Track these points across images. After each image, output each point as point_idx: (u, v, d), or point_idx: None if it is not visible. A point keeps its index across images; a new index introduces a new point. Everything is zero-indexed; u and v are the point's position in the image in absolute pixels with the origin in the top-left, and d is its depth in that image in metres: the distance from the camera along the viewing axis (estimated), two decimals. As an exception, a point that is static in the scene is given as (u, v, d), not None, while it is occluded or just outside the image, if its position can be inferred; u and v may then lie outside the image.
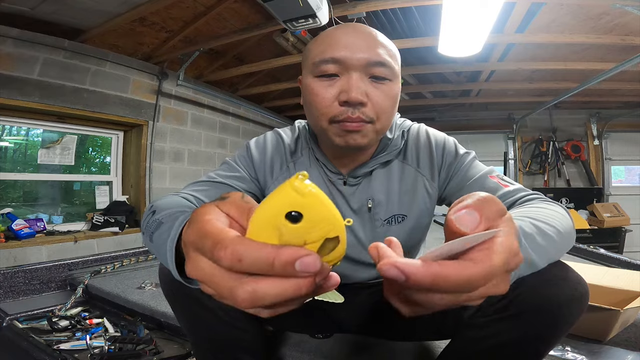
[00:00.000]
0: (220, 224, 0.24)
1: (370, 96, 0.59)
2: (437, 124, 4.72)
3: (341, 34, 0.61)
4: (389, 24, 2.52)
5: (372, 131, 0.61)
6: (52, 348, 0.98)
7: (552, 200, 0.55)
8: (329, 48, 0.59)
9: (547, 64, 2.93)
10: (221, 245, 0.22)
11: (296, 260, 0.21)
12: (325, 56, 0.59)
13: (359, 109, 0.58)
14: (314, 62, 0.60)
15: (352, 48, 0.58)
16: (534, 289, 0.48)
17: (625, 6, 1.90)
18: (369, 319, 0.77)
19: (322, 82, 0.60)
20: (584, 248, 1.92)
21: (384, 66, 0.59)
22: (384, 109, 0.61)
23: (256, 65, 3.01)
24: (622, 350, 0.87)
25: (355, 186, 0.70)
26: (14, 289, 1.39)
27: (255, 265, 0.21)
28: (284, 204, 0.21)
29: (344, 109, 0.58)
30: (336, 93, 0.59)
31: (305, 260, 0.21)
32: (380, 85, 0.60)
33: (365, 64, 0.58)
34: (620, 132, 4.34)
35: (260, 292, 0.21)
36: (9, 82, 2.08)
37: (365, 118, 0.59)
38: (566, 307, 0.47)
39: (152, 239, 0.45)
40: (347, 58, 0.58)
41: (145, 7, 2.12)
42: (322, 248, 0.22)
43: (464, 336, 0.57)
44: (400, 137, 0.71)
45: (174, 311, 0.66)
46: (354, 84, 0.57)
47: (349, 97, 0.57)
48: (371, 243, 0.69)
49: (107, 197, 2.87)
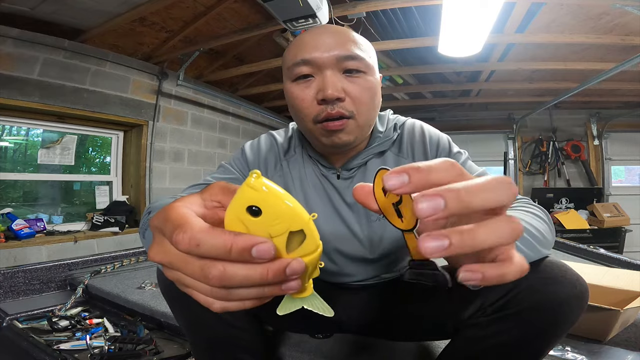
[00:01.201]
0: (185, 210, 0.25)
1: (347, 90, 0.61)
2: (437, 124, 4.69)
3: (310, 37, 0.63)
4: (389, 24, 2.52)
5: (355, 127, 0.62)
6: (52, 348, 0.98)
7: (536, 205, 0.56)
8: (299, 51, 0.62)
9: (547, 64, 2.93)
10: (180, 230, 0.23)
11: (252, 247, 0.22)
12: (297, 59, 0.61)
13: (337, 105, 0.60)
14: (288, 67, 0.63)
15: (321, 47, 0.60)
16: (532, 287, 0.48)
17: (625, 6, 1.90)
18: (368, 319, 0.77)
19: (299, 84, 0.63)
20: (584, 248, 1.91)
21: (355, 59, 0.61)
22: (363, 101, 0.62)
23: (256, 65, 3.01)
24: (622, 350, 0.87)
25: (349, 179, 0.70)
26: (14, 289, 1.39)
27: (214, 250, 0.22)
28: (244, 199, 0.23)
29: (322, 107, 0.60)
30: (314, 93, 0.61)
31: (261, 247, 0.22)
32: (355, 79, 0.62)
33: (336, 59, 0.60)
34: (620, 132, 4.34)
35: (230, 271, 0.23)
36: (9, 82, 2.08)
37: (346, 112, 0.60)
38: (566, 306, 0.47)
39: (145, 235, 0.48)
40: (317, 57, 0.60)
41: (145, 7, 2.12)
42: (289, 242, 0.24)
43: (464, 336, 0.57)
44: (393, 129, 0.72)
45: (172, 311, 0.66)
46: (328, 81, 0.59)
47: (325, 94, 0.59)
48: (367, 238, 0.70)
49: (107, 197, 2.87)
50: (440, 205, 0.20)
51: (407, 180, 0.22)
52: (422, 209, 0.20)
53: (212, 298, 0.25)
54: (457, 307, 0.58)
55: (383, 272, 0.76)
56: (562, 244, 2.11)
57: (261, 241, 0.22)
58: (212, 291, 0.24)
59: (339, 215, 0.71)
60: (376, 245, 0.71)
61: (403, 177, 0.22)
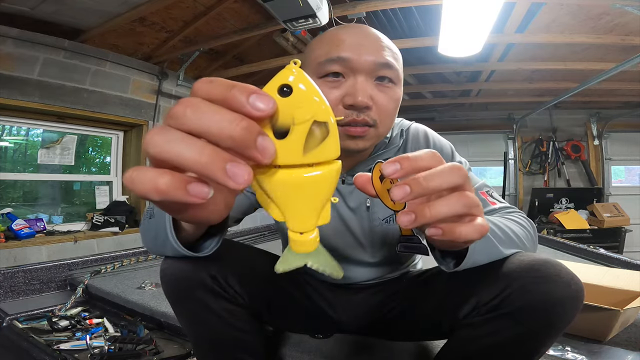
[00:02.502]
0: None
1: (375, 100, 0.59)
2: (437, 124, 4.72)
3: (347, 34, 0.60)
4: (389, 24, 2.52)
5: (374, 135, 0.61)
6: (52, 348, 0.98)
7: (523, 215, 0.60)
8: (335, 48, 0.59)
9: (547, 64, 2.93)
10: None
11: (253, 93, 0.21)
12: (332, 55, 0.58)
13: (364, 112, 0.58)
14: (319, 62, 0.60)
15: (358, 49, 0.58)
16: (526, 287, 0.48)
17: (625, 6, 1.90)
18: (368, 319, 0.77)
19: (327, 82, 0.59)
20: (584, 248, 1.92)
21: (390, 68, 0.59)
22: (387, 113, 0.61)
23: (256, 65, 3.01)
24: (622, 350, 0.87)
25: (352, 185, 0.70)
26: (14, 289, 1.39)
27: (222, 85, 0.22)
28: (279, 79, 0.23)
29: (348, 112, 0.58)
30: (340, 95, 0.58)
31: (262, 96, 0.21)
32: (385, 89, 0.60)
33: (371, 66, 0.58)
34: (620, 132, 4.34)
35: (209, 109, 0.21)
36: (9, 82, 2.08)
37: (370, 121, 0.59)
38: (560, 306, 0.47)
39: (153, 214, 0.49)
40: (353, 59, 0.57)
41: (145, 7, 2.12)
42: (309, 138, 0.23)
43: (459, 336, 0.57)
44: (399, 135, 0.71)
45: (174, 311, 0.66)
46: (360, 88, 0.57)
47: (355, 101, 0.56)
48: (370, 243, 0.70)
49: (107, 197, 2.87)
50: (407, 190, 0.29)
51: (399, 167, 0.30)
52: (395, 194, 0.29)
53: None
54: (452, 307, 0.58)
55: (383, 274, 0.76)
56: (562, 244, 2.11)
57: (263, 92, 0.21)
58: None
59: (341, 220, 0.71)
60: (378, 249, 0.71)
61: (396, 165, 0.30)
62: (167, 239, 0.44)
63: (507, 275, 0.50)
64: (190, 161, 0.20)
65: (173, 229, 0.44)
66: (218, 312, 0.62)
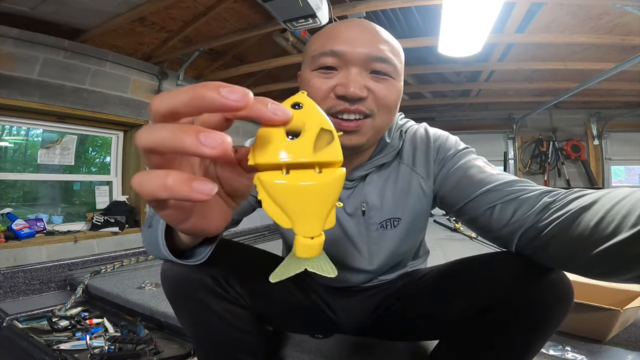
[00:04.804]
0: None
1: (371, 89, 0.57)
2: (437, 124, 4.67)
3: (343, 28, 0.59)
4: (389, 24, 2.52)
5: (370, 127, 0.59)
6: (52, 348, 0.99)
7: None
8: (329, 41, 0.58)
9: (547, 64, 2.93)
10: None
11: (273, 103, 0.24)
12: (325, 49, 0.57)
13: (357, 102, 0.56)
14: (313, 55, 0.59)
15: (352, 42, 0.56)
16: (518, 287, 0.48)
17: (625, 6, 1.90)
18: (367, 320, 0.77)
19: (320, 75, 0.58)
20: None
21: (385, 62, 0.57)
22: (386, 103, 0.58)
23: (256, 65, 3.01)
24: (622, 350, 0.87)
25: (350, 189, 0.68)
26: (14, 289, 1.39)
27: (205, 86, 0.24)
28: (291, 99, 0.28)
29: (340, 102, 0.56)
30: (332, 85, 0.57)
31: (281, 107, 0.25)
32: (382, 80, 0.58)
33: (365, 58, 0.56)
34: (620, 132, 4.34)
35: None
36: (9, 82, 2.08)
37: (365, 110, 0.57)
38: (548, 307, 0.47)
39: (151, 224, 0.47)
40: (346, 52, 0.56)
41: (145, 7, 2.12)
42: (318, 139, 0.26)
43: (450, 336, 0.58)
44: (398, 138, 0.69)
45: (175, 312, 0.66)
46: (352, 78, 0.55)
47: (347, 92, 0.55)
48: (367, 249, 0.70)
49: (107, 197, 2.86)
50: None
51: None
52: None
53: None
54: (444, 307, 0.58)
55: (380, 276, 0.76)
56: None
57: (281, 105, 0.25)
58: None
59: (339, 225, 0.69)
60: (374, 255, 0.70)
61: None
62: (160, 250, 0.44)
63: (500, 276, 0.50)
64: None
65: (165, 239, 0.43)
66: (219, 313, 0.62)
